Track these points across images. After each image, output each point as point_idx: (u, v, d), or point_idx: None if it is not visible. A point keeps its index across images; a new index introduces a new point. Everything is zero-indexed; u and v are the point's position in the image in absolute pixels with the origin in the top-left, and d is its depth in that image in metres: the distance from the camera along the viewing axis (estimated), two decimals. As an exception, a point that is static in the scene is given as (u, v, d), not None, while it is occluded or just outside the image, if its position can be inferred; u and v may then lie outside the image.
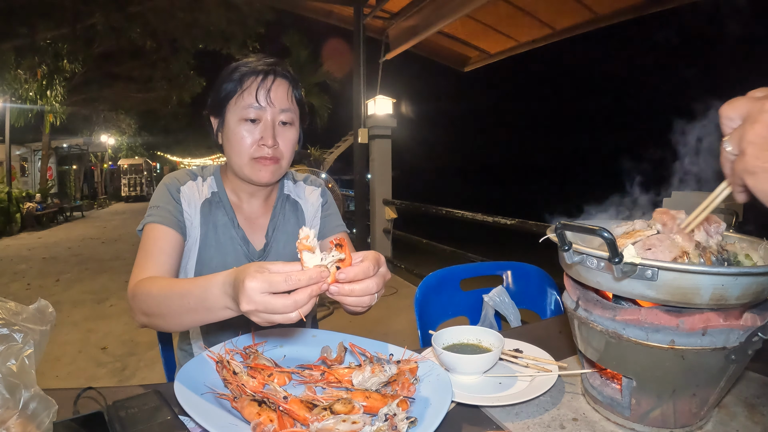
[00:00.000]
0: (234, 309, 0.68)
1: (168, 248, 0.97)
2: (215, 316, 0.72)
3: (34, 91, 10.12)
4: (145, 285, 0.84)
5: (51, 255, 7.40)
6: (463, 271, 1.45)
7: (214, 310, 0.70)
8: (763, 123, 0.49)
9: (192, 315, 0.75)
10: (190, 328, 0.80)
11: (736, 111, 0.53)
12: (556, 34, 4.86)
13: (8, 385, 0.52)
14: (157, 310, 0.80)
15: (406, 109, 7.24)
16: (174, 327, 0.83)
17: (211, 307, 0.71)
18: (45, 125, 12.72)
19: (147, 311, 0.82)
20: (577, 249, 0.63)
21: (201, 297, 0.72)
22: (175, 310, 0.77)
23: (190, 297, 0.73)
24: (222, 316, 0.71)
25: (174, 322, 0.79)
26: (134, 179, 22.02)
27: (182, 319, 0.77)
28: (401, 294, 4.56)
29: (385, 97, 5.52)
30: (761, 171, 0.49)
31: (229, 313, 0.70)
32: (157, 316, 0.81)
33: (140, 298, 0.84)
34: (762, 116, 0.49)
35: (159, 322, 0.82)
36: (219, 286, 0.68)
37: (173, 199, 1.03)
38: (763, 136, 0.49)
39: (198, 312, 0.73)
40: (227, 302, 0.68)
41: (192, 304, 0.73)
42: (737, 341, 0.60)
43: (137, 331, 3.67)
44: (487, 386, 0.79)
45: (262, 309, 0.61)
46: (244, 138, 1.00)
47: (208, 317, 0.73)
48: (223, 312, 0.70)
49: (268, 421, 0.61)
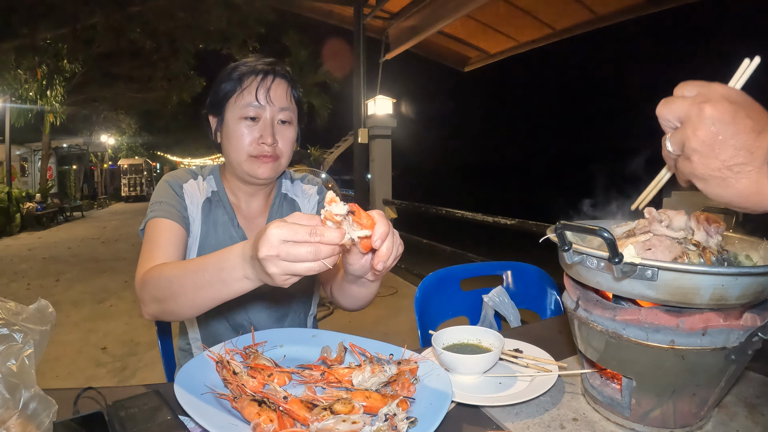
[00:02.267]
0: (252, 278, 0.66)
1: (174, 240, 0.96)
2: (231, 290, 0.70)
3: (34, 91, 10.11)
4: (157, 269, 0.82)
5: (51, 255, 7.40)
6: (463, 271, 1.45)
7: (231, 282, 0.69)
8: (705, 130, 0.48)
9: (207, 290, 0.72)
10: (203, 309, 0.77)
11: (672, 113, 0.52)
12: (556, 34, 4.87)
13: (8, 385, 0.52)
14: (169, 291, 0.77)
15: (406, 109, 7.25)
16: (187, 309, 0.78)
17: (227, 279, 0.69)
18: (45, 125, 12.72)
19: (159, 296, 0.80)
20: (577, 249, 0.63)
21: (217, 267, 0.70)
22: (189, 287, 0.74)
23: (206, 270, 0.71)
24: (238, 289, 0.69)
25: (187, 304, 0.76)
26: (134, 179, 22.02)
27: (196, 297, 0.74)
28: (401, 294, 4.56)
29: (385, 97, 5.53)
30: (710, 177, 0.50)
31: (246, 284, 0.68)
32: (170, 298, 0.78)
33: (152, 284, 0.81)
34: (702, 123, 0.48)
35: (171, 305, 0.79)
36: (238, 252, 0.67)
37: (176, 194, 1.03)
38: (706, 144, 0.48)
39: (213, 286, 0.71)
40: (246, 269, 0.66)
41: (207, 278, 0.71)
42: (737, 341, 0.60)
43: (137, 331, 3.67)
44: (487, 386, 0.79)
45: (283, 256, 0.58)
46: (244, 136, 1.00)
47: (223, 291, 0.71)
48: (240, 283, 0.68)
49: (268, 421, 0.61)
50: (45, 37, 9.64)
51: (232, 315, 1.10)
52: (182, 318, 0.89)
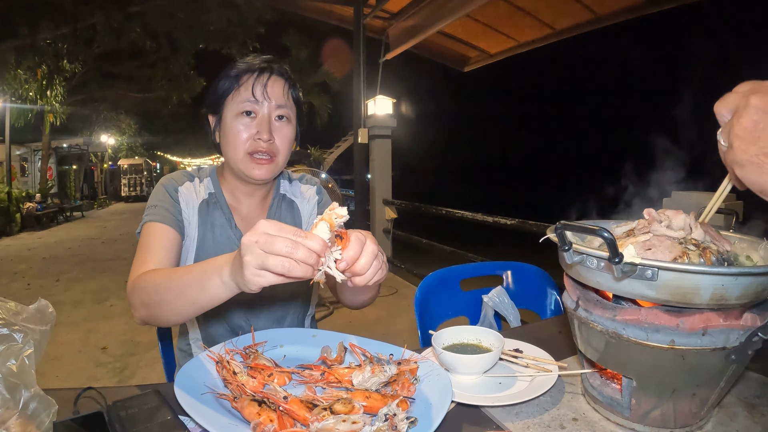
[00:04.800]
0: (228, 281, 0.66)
1: (168, 245, 0.97)
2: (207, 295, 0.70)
3: (34, 91, 10.11)
4: (147, 275, 0.84)
5: (51, 255, 7.40)
6: (463, 271, 1.45)
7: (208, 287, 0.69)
8: (748, 117, 0.52)
9: (186, 295, 0.72)
10: (186, 315, 0.77)
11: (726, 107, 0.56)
12: (556, 34, 4.87)
13: (8, 385, 0.52)
14: (156, 297, 0.79)
15: (406, 109, 7.26)
16: (171, 314, 0.79)
17: (205, 283, 0.69)
18: (45, 125, 12.71)
19: (147, 301, 0.81)
20: (577, 249, 0.63)
21: (200, 270, 0.71)
22: (173, 291, 0.75)
23: (190, 274, 0.72)
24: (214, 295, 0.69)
25: (171, 309, 0.77)
26: (134, 179, 22.02)
27: (177, 302, 0.75)
28: (401, 294, 4.56)
29: (385, 97, 5.53)
30: (747, 163, 0.53)
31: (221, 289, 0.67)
32: (156, 304, 0.79)
33: (141, 289, 0.82)
34: (746, 111, 0.52)
35: (157, 311, 0.80)
36: (225, 257, 0.68)
37: (171, 198, 1.03)
38: (748, 130, 0.52)
39: (192, 288, 0.71)
40: (223, 274, 0.66)
41: (187, 281, 0.72)
42: (737, 341, 0.60)
43: (137, 331, 3.67)
44: (487, 386, 0.79)
45: (261, 243, 0.58)
46: (240, 132, 1.00)
47: (201, 296, 0.70)
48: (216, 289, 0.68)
49: (268, 421, 0.61)
50: (45, 37, 9.63)
51: (232, 317, 1.10)
52: (168, 324, 0.88)
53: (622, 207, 0.82)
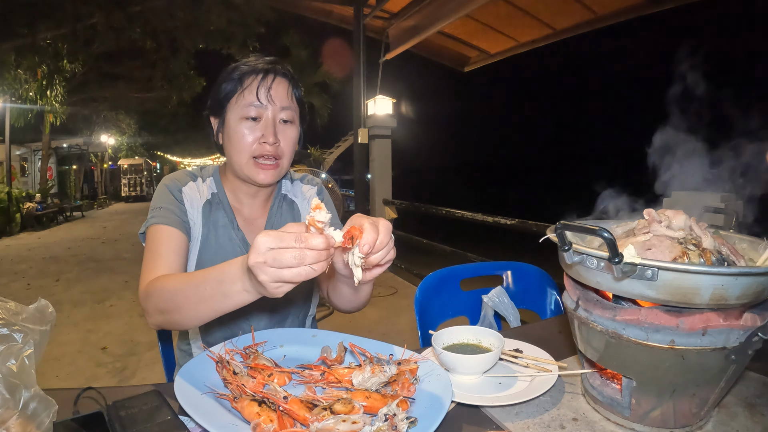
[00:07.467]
0: (251, 290, 0.68)
1: (176, 248, 0.97)
2: (232, 302, 0.71)
3: (34, 91, 10.10)
4: (160, 281, 0.83)
5: (51, 255, 7.40)
6: (463, 271, 1.45)
7: (231, 294, 0.70)
8: None
9: (208, 303, 0.73)
10: (206, 320, 0.78)
11: None
12: (556, 34, 4.86)
13: (8, 385, 0.52)
14: (173, 304, 0.79)
15: (406, 109, 7.24)
16: (190, 320, 0.80)
17: (227, 292, 0.70)
18: (45, 125, 12.71)
19: (163, 308, 0.81)
20: (577, 249, 0.63)
21: (218, 280, 0.71)
22: (192, 300, 0.75)
23: (207, 284, 0.73)
24: (239, 301, 0.71)
25: (191, 315, 0.78)
26: (134, 179, 22.01)
27: (198, 309, 0.76)
28: (401, 294, 4.55)
29: (385, 97, 5.52)
30: None
31: (246, 296, 0.69)
32: (173, 311, 0.79)
33: (155, 296, 0.82)
34: None
35: (175, 317, 0.80)
36: (237, 265, 0.68)
37: (176, 199, 1.03)
38: None
39: (214, 298, 0.72)
40: (245, 282, 0.67)
41: (209, 291, 0.72)
42: (737, 341, 0.60)
43: (137, 331, 3.67)
44: (487, 386, 0.79)
45: (270, 262, 0.59)
46: (245, 136, 0.99)
47: (224, 303, 0.72)
48: (240, 296, 0.69)
49: (268, 421, 0.61)
50: (45, 37, 9.63)
51: (232, 317, 1.09)
52: (187, 328, 0.91)
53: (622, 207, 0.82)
